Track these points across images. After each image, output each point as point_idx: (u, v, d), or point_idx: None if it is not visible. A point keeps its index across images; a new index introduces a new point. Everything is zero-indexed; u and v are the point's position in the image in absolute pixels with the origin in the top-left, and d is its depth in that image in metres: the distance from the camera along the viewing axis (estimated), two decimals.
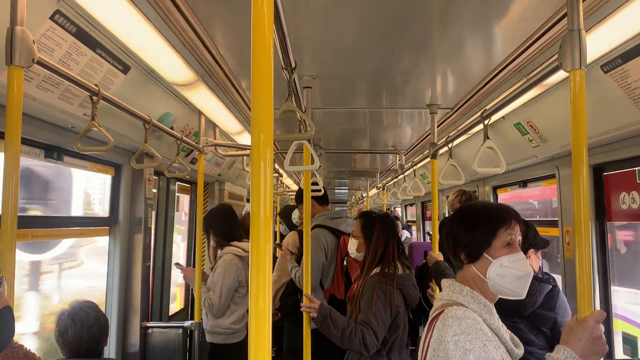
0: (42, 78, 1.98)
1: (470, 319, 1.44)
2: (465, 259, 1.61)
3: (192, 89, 2.85)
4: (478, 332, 1.40)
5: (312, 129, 1.92)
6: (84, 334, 2.25)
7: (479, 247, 1.58)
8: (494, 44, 2.42)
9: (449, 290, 1.62)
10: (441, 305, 1.58)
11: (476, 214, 1.64)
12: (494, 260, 1.55)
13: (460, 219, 1.67)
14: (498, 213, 1.62)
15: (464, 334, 1.40)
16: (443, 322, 1.47)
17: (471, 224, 1.61)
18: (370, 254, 2.81)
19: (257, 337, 0.88)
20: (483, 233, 1.58)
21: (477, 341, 1.38)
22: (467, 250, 1.60)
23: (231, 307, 3.44)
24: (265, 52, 0.94)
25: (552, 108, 3.06)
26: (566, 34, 1.46)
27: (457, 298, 1.57)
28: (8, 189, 1.41)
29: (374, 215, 2.96)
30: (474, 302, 1.54)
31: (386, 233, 2.83)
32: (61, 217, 3.15)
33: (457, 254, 1.64)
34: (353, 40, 2.36)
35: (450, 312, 1.48)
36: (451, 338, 1.41)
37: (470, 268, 1.60)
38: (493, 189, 5.18)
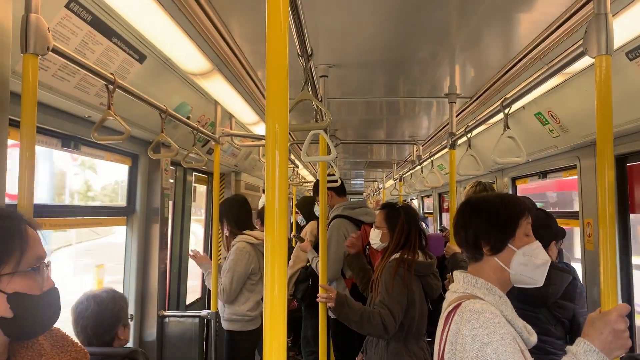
0: (57, 67, 1.98)
1: (488, 312, 1.42)
2: (489, 250, 1.58)
3: (207, 78, 2.83)
4: (496, 326, 1.38)
5: (328, 118, 1.89)
6: (78, 324, 2.22)
7: (504, 238, 1.56)
8: (515, 30, 2.37)
9: (462, 282, 1.61)
10: (457, 298, 1.56)
11: (499, 205, 1.62)
12: (518, 250, 1.55)
13: (482, 211, 1.64)
14: (518, 204, 1.60)
15: (482, 327, 1.38)
16: (461, 316, 1.45)
17: (497, 215, 1.59)
18: (394, 242, 2.83)
19: (272, 327, 0.88)
20: (508, 224, 1.57)
21: (495, 335, 1.36)
22: (492, 242, 1.57)
23: (245, 294, 3.49)
24: (280, 39, 0.92)
25: (573, 97, 2.99)
26: (592, 18, 1.42)
27: (472, 290, 1.56)
28: (24, 178, 1.41)
29: (397, 206, 2.98)
30: (490, 294, 1.53)
31: (409, 223, 2.84)
32: (79, 206, 3.17)
33: (479, 245, 1.60)
34: (370, 28, 2.33)
35: (467, 305, 1.47)
36: (469, 332, 1.39)
37: (492, 260, 1.58)
38: (512, 180, 5.11)
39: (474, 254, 1.63)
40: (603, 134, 1.40)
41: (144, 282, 3.48)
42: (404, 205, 3.01)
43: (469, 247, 1.64)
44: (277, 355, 0.87)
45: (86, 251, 4.62)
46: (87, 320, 2.20)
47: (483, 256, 1.60)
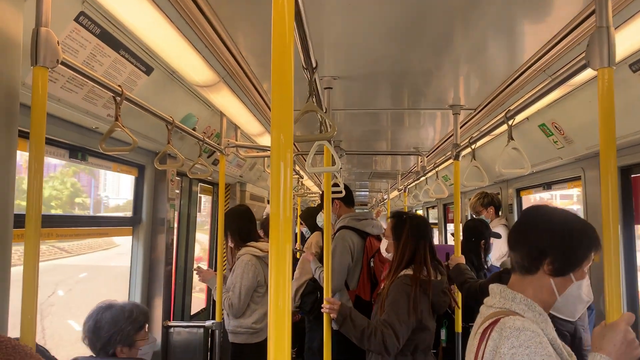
0: (66, 79, 2.01)
1: (529, 330, 1.35)
2: (550, 271, 1.48)
3: (213, 90, 2.86)
4: (537, 346, 1.32)
5: (333, 129, 1.91)
6: (84, 336, 2.28)
7: (571, 267, 1.48)
8: (518, 43, 2.38)
9: (499, 297, 1.53)
10: (494, 314, 1.49)
11: (580, 232, 1.52)
12: (575, 282, 1.48)
13: (560, 229, 1.52)
14: (596, 237, 1.51)
15: (522, 347, 1.32)
16: (499, 333, 1.38)
17: (574, 241, 1.50)
18: (399, 255, 2.74)
19: (276, 337, 0.88)
20: (581, 254, 1.49)
21: (536, 356, 1.31)
22: (557, 264, 1.48)
23: (251, 306, 3.47)
24: (285, 51, 0.94)
25: (577, 109, 3.00)
26: (594, 31, 1.43)
27: (510, 306, 1.48)
28: (32, 189, 1.42)
29: (404, 216, 2.88)
30: (529, 310, 1.46)
31: (416, 234, 2.74)
32: (86, 216, 3.19)
33: (539, 260, 1.50)
34: (375, 40, 2.35)
35: (507, 322, 1.39)
36: (508, 350, 1.33)
37: (546, 279, 1.49)
38: (516, 191, 5.10)
39: (528, 265, 1.53)
40: (606, 145, 1.40)
41: (149, 292, 3.49)
42: (411, 215, 2.92)
43: (528, 255, 1.53)
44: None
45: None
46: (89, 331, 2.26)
47: (538, 271, 1.50)
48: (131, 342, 2.33)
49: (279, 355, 0.88)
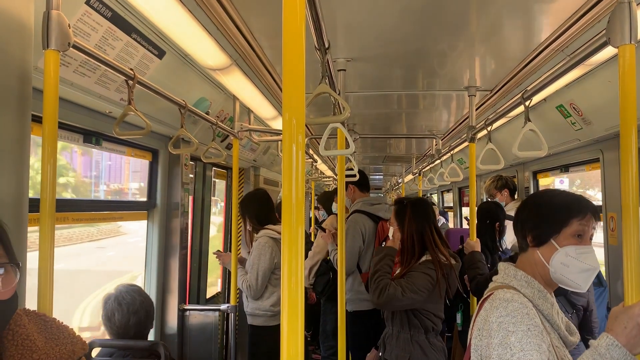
0: (79, 63, 2.00)
1: (517, 302, 1.43)
2: (532, 242, 1.59)
3: (226, 73, 2.84)
4: (523, 316, 1.39)
5: (347, 111, 1.88)
6: (130, 318, 2.30)
7: (546, 232, 1.55)
8: (535, 21, 2.33)
9: (503, 273, 1.63)
10: (493, 288, 1.60)
11: (551, 199, 1.63)
12: (560, 249, 1.52)
13: (534, 202, 1.68)
14: (575, 202, 1.57)
15: (508, 316, 1.40)
16: (491, 304, 1.48)
17: (543, 209, 1.60)
18: (408, 242, 2.77)
19: (289, 320, 0.88)
20: (553, 219, 1.56)
21: (521, 324, 1.37)
22: (535, 233, 1.58)
23: (269, 289, 3.51)
24: (296, 32, 0.92)
25: (596, 89, 2.94)
26: (615, 7, 1.39)
27: (510, 281, 1.58)
28: (46, 173, 1.43)
29: (405, 201, 2.91)
30: (528, 286, 1.54)
31: (418, 219, 2.78)
32: (101, 200, 3.22)
33: (524, 235, 1.62)
34: (389, 21, 2.31)
35: (499, 294, 1.49)
36: (496, 319, 1.41)
37: (534, 252, 1.58)
38: (533, 174, 5.04)
39: (521, 244, 1.65)
40: (627, 125, 1.37)
41: (164, 276, 3.52)
42: (412, 200, 2.95)
43: (519, 237, 1.66)
44: (295, 347, 0.88)
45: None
46: (139, 313, 2.33)
47: (528, 247, 1.61)
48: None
49: (292, 338, 0.88)
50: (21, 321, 1.17)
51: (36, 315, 1.25)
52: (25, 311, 1.24)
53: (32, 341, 1.15)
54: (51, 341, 1.20)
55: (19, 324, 1.16)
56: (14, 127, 1.46)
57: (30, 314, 1.24)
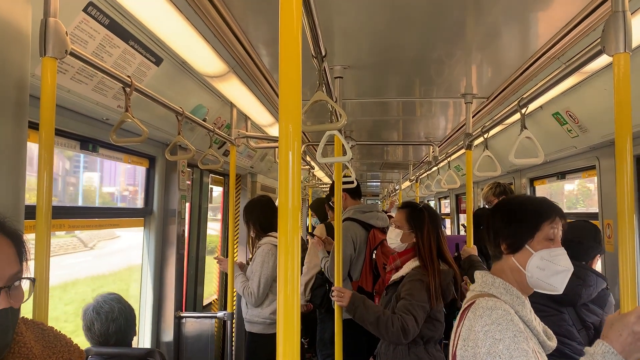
0: (76, 70, 2.01)
1: (501, 309, 1.43)
2: (506, 249, 1.60)
3: (223, 80, 2.85)
4: (509, 323, 1.40)
5: (343, 119, 1.89)
6: (110, 326, 2.29)
7: (521, 239, 1.57)
8: (532, 29, 2.34)
9: (481, 281, 1.63)
10: (473, 297, 1.59)
11: (521, 205, 1.64)
12: (535, 253, 1.54)
13: (504, 210, 1.67)
14: (544, 207, 1.60)
15: (494, 324, 1.40)
16: (474, 313, 1.47)
17: (516, 215, 1.61)
18: (425, 248, 2.67)
19: (285, 327, 0.88)
20: (527, 225, 1.57)
21: (507, 331, 1.37)
22: (509, 240, 1.59)
23: (269, 297, 3.49)
24: (293, 40, 0.93)
25: (592, 96, 2.95)
26: (610, 16, 1.40)
27: (489, 289, 1.57)
28: (42, 180, 1.43)
29: (420, 206, 2.86)
30: (507, 293, 1.54)
31: (436, 225, 2.74)
32: (97, 207, 3.22)
33: (498, 244, 1.62)
34: (386, 29, 2.32)
35: (481, 302, 1.48)
36: (481, 328, 1.41)
37: (509, 259, 1.59)
38: (530, 181, 5.06)
39: (494, 252, 1.65)
40: (622, 133, 1.37)
41: (161, 283, 3.51)
42: (426, 205, 2.91)
43: (490, 245, 1.67)
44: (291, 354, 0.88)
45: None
46: (119, 320, 2.30)
47: (502, 255, 1.61)
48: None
49: (287, 345, 0.88)
50: (19, 329, 1.16)
51: (33, 323, 1.25)
52: (23, 319, 1.23)
53: (29, 349, 1.15)
54: (48, 349, 1.20)
55: (17, 332, 1.15)
56: (11, 134, 1.46)
57: (27, 322, 1.24)
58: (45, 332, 1.24)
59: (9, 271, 1.07)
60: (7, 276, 1.07)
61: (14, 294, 1.09)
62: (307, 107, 1.77)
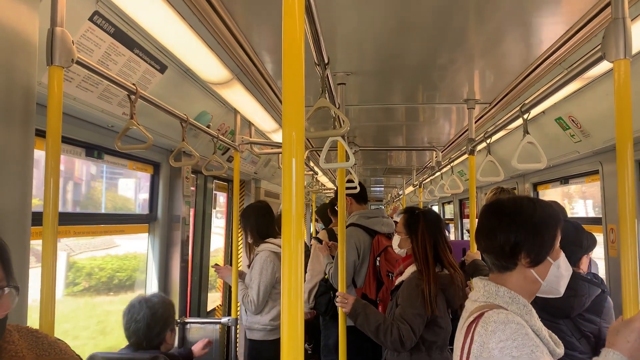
0: (82, 78, 2.03)
1: (514, 323, 1.35)
2: (528, 263, 1.49)
3: (227, 87, 2.87)
4: (524, 338, 1.32)
5: (346, 125, 1.90)
6: (130, 326, 2.36)
7: (546, 251, 1.49)
8: (534, 36, 2.36)
9: (484, 291, 1.53)
10: (478, 308, 1.48)
11: (542, 216, 1.51)
12: (554, 263, 1.50)
13: (525, 221, 1.51)
14: (555, 213, 1.53)
15: (509, 339, 1.31)
16: (485, 328, 1.38)
17: (540, 228, 1.50)
18: (420, 253, 2.66)
19: (289, 334, 0.89)
20: (550, 236, 1.50)
21: (525, 347, 1.30)
22: (533, 255, 1.48)
23: (269, 303, 3.48)
24: (296, 47, 0.94)
25: (595, 101, 2.96)
26: (610, 23, 1.41)
27: (494, 300, 1.48)
28: (49, 187, 1.45)
29: (417, 211, 2.85)
30: (513, 303, 1.45)
31: (431, 230, 2.71)
32: (102, 214, 3.23)
33: (515, 256, 1.49)
34: (388, 35, 2.34)
35: (491, 316, 1.39)
36: (496, 345, 1.32)
37: (527, 271, 1.50)
38: (533, 186, 5.05)
39: (506, 263, 1.52)
40: (623, 138, 1.38)
41: (165, 289, 3.52)
42: (424, 210, 2.90)
43: (501, 255, 1.52)
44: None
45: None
46: (139, 324, 2.35)
47: (517, 266, 1.50)
48: (173, 328, 2.51)
49: (292, 352, 0.88)
50: (10, 337, 1.15)
51: (28, 331, 1.23)
52: (17, 327, 1.22)
53: (22, 358, 1.13)
54: (42, 357, 1.19)
55: (8, 340, 1.14)
56: (18, 141, 1.48)
57: (21, 330, 1.22)
58: (40, 340, 1.23)
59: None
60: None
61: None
62: (310, 114, 1.79)
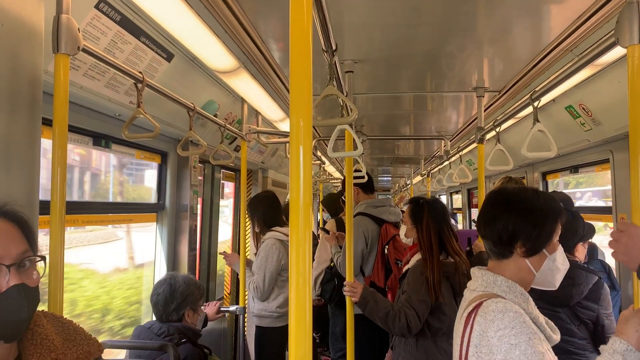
0: (88, 66, 2.02)
1: (512, 311, 1.38)
2: (524, 253, 1.51)
3: (234, 76, 2.86)
4: (522, 326, 1.35)
5: (354, 113, 1.89)
6: (153, 298, 2.56)
7: (543, 243, 1.51)
8: (544, 22, 2.32)
9: (482, 280, 1.56)
10: (477, 297, 1.52)
11: (543, 208, 1.53)
12: (550, 256, 1.51)
13: (524, 207, 1.53)
14: (558, 207, 1.54)
15: (507, 328, 1.34)
16: (484, 317, 1.41)
17: (540, 219, 1.51)
18: (425, 242, 2.70)
19: (297, 322, 0.89)
20: (550, 229, 1.51)
21: (522, 335, 1.33)
22: (530, 245, 1.51)
23: (275, 290, 3.52)
24: (303, 35, 0.93)
25: (606, 89, 2.92)
26: (624, 7, 1.38)
27: (492, 289, 1.51)
28: (56, 176, 1.45)
29: (421, 201, 2.88)
30: (510, 292, 1.49)
31: (436, 219, 2.74)
32: (110, 203, 3.24)
33: (511, 244, 1.52)
34: (396, 23, 2.31)
35: (490, 305, 1.42)
36: (494, 333, 1.35)
37: (522, 261, 1.52)
38: (542, 175, 5.01)
39: (502, 250, 1.55)
40: (636, 126, 1.36)
41: None
42: (429, 200, 2.92)
43: (499, 243, 1.55)
44: (303, 349, 0.88)
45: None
46: (159, 297, 2.53)
47: (512, 255, 1.54)
48: (196, 307, 2.62)
49: (300, 339, 0.88)
50: (40, 321, 1.19)
51: (53, 317, 1.28)
52: (44, 313, 1.27)
53: (51, 341, 1.18)
54: (68, 342, 1.23)
55: (38, 324, 1.18)
56: (25, 130, 1.47)
57: (48, 315, 1.26)
58: (65, 325, 1.28)
59: (15, 250, 1.09)
60: (14, 254, 1.09)
61: (27, 272, 1.11)
62: (317, 102, 1.77)
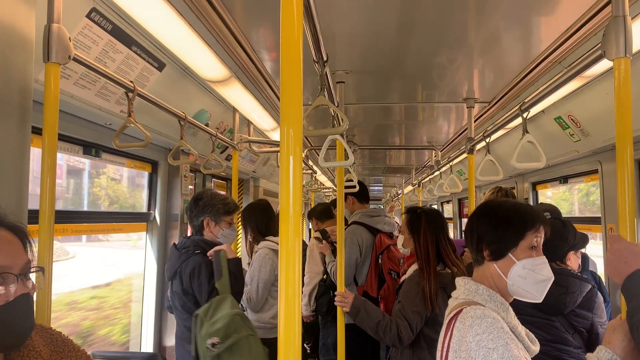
0: (79, 75, 2.02)
1: (490, 317, 1.41)
2: (489, 256, 1.58)
3: (226, 85, 2.86)
4: (499, 331, 1.38)
5: (345, 123, 1.89)
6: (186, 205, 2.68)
7: (505, 247, 1.55)
8: (533, 34, 2.35)
9: (464, 289, 1.61)
10: (458, 305, 1.56)
11: (507, 212, 1.60)
12: (517, 262, 1.53)
13: (489, 215, 1.63)
14: (529, 215, 1.57)
15: (485, 333, 1.37)
16: (463, 322, 1.44)
17: (502, 222, 1.58)
18: (422, 252, 2.66)
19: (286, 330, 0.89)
20: (512, 233, 1.55)
21: (500, 340, 1.35)
22: (493, 247, 1.57)
23: (269, 301, 3.48)
24: (294, 45, 0.93)
25: (594, 101, 2.95)
26: (610, 21, 1.40)
27: (473, 297, 1.55)
28: (45, 185, 1.44)
29: (419, 210, 2.85)
30: (491, 300, 1.52)
31: (433, 229, 2.70)
32: (99, 212, 3.22)
33: (480, 249, 1.60)
34: (387, 34, 2.33)
35: (469, 312, 1.46)
36: (473, 338, 1.38)
37: (491, 266, 1.58)
38: (532, 185, 5.05)
39: (476, 257, 1.64)
40: (622, 137, 1.38)
41: (163, 287, 3.51)
42: (427, 210, 2.88)
43: (472, 250, 1.65)
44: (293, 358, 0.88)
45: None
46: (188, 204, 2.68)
47: (484, 260, 1.60)
48: (218, 220, 2.64)
49: (289, 350, 0.88)
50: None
51: (42, 328, 1.27)
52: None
53: (38, 352, 1.17)
54: (56, 354, 1.22)
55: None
56: (15, 139, 1.47)
57: (36, 327, 1.25)
58: (54, 337, 1.27)
59: (21, 261, 1.12)
60: (21, 265, 1.11)
61: (29, 282, 1.13)
62: (308, 112, 1.78)
